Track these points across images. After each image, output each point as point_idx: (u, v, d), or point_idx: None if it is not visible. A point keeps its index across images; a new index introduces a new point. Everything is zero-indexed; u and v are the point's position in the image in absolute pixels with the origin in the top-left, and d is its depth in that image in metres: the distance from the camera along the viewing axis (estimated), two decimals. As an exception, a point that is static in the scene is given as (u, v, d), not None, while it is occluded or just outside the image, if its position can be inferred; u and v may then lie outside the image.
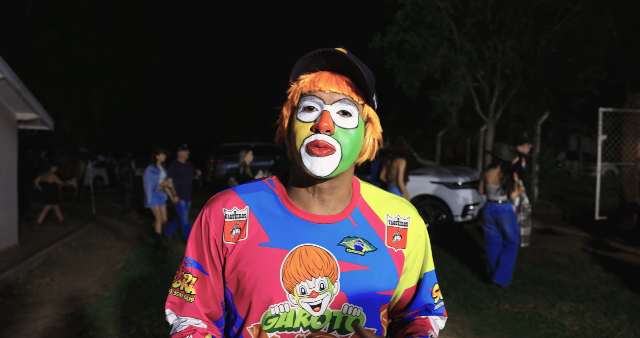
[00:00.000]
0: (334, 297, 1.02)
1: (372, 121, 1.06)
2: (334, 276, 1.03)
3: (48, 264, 6.61)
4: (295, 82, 1.04)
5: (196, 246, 1.11)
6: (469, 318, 4.34)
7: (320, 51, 0.97)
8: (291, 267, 1.02)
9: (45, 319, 4.51)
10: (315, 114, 0.99)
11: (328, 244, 1.04)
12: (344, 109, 0.99)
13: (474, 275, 5.71)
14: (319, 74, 1.01)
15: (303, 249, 1.03)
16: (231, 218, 1.07)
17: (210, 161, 17.72)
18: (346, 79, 1.00)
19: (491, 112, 11.67)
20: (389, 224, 1.11)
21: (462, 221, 7.84)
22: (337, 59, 0.98)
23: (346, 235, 1.06)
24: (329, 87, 0.99)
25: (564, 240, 7.55)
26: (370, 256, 1.06)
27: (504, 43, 11.07)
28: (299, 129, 1.00)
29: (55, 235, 8.43)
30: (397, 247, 1.10)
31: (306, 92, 1.01)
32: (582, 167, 17.30)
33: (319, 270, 1.02)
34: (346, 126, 0.99)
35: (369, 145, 1.07)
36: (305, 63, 1.00)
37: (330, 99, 0.99)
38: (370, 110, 1.05)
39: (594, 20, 10.51)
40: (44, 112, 7.90)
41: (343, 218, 1.08)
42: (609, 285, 5.24)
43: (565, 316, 4.36)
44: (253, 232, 1.05)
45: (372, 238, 1.08)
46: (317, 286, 1.02)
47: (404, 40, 10.79)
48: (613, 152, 8.35)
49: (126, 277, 5.80)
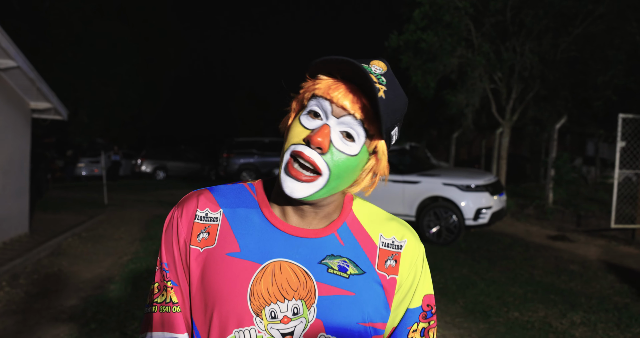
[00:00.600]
0: (308, 324, 0.87)
1: (378, 157, 0.90)
2: (310, 300, 0.88)
3: (57, 254, 6.63)
4: (312, 79, 0.90)
5: (167, 250, 0.96)
6: (477, 325, 4.25)
7: (349, 60, 0.81)
8: (261, 285, 0.87)
9: (49, 310, 4.51)
10: (318, 123, 0.86)
11: (307, 261, 0.90)
12: (349, 130, 0.85)
13: (484, 281, 5.61)
14: (338, 83, 0.86)
15: (277, 264, 0.89)
16: (201, 220, 0.93)
17: (223, 156, 17.76)
18: (365, 101, 0.84)
19: (507, 114, 11.51)
20: (382, 246, 0.95)
21: (474, 225, 7.73)
22: (361, 77, 0.82)
23: (330, 252, 0.91)
24: (342, 100, 0.84)
25: (577, 248, 7.41)
26: (356, 281, 0.90)
27: (523, 45, 10.89)
28: (295, 131, 0.87)
29: (65, 225, 8.47)
30: (389, 273, 0.94)
31: (319, 95, 0.86)
32: (599, 173, 17.04)
33: (293, 291, 0.88)
34: (343, 150, 0.85)
35: (366, 180, 0.92)
36: (326, 65, 0.86)
37: (339, 113, 0.85)
38: (380, 144, 0.89)
39: (616, 24, 10.29)
40: (58, 102, 7.93)
41: (328, 233, 0.93)
42: (623, 296, 5.11)
43: (577, 327, 4.25)
44: (222, 239, 0.91)
45: (360, 260, 0.92)
46: (290, 310, 0.87)
47: (420, 39, 10.66)
48: (632, 159, 8.17)
49: (132, 270, 5.79)
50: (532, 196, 11.50)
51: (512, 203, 10.38)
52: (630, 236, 8.00)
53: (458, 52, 10.92)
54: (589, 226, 8.94)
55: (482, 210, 7.71)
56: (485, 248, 7.28)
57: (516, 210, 10.30)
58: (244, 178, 17.36)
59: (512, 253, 7.04)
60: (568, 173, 10.33)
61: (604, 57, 10.32)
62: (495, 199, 7.89)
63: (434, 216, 7.79)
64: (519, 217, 9.84)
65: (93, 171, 20.53)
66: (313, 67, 0.88)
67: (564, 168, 10.27)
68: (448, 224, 7.68)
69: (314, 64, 0.88)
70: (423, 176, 8.22)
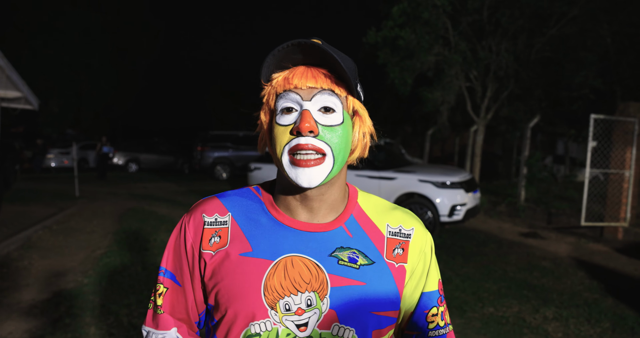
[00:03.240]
0: (322, 315, 0.90)
1: (360, 114, 0.96)
2: (323, 292, 0.91)
3: (27, 247, 6.46)
4: (267, 83, 0.94)
5: (172, 255, 1.01)
6: (453, 321, 4.31)
7: (289, 44, 0.86)
8: (274, 280, 0.90)
9: (20, 305, 4.39)
10: (295, 115, 0.89)
11: (318, 255, 0.93)
12: (325, 104, 0.89)
13: (459, 277, 5.69)
14: (293, 70, 0.91)
15: (289, 260, 0.92)
16: (211, 225, 0.97)
17: (197, 149, 17.58)
18: (323, 71, 0.90)
19: (482, 113, 11.67)
20: (389, 235, 0.99)
21: (449, 221, 7.83)
22: (311, 51, 0.87)
23: (339, 245, 0.95)
24: (305, 82, 0.88)
25: (549, 244, 7.58)
26: (367, 271, 0.94)
27: (499, 44, 11.05)
28: (279, 134, 0.90)
29: (35, 217, 8.27)
30: (397, 261, 0.97)
31: (281, 92, 0.91)
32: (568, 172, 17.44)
33: (305, 283, 0.91)
34: (330, 123, 0.89)
35: (359, 141, 0.97)
36: (275, 59, 0.89)
37: (309, 95, 0.89)
38: (355, 102, 0.94)
39: (589, 26, 10.54)
40: (28, 91, 7.73)
41: (336, 226, 0.96)
42: (593, 292, 5.25)
43: (549, 322, 4.35)
44: (234, 241, 0.95)
45: (369, 250, 0.96)
46: (304, 302, 0.90)
47: (398, 36, 10.72)
48: (601, 158, 8.38)
49: (107, 264, 5.68)
50: (504, 193, 11.70)
51: (485, 201, 10.55)
52: (599, 234, 8.22)
53: (435, 49, 11.01)
54: (559, 223, 9.15)
55: (457, 207, 7.81)
56: (459, 245, 7.38)
57: (489, 207, 10.47)
58: (218, 171, 17.22)
59: (485, 249, 7.16)
60: (540, 172, 10.55)
61: (577, 58, 10.55)
62: (470, 196, 8.01)
63: (410, 213, 7.86)
64: (491, 214, 10.01)
65: (63, 162, 20.06)
66: (265, 70, 0.92)
67: (536, 167, 10.48)
68: (423, 220, 7.76)
69: (265, 64, 0.91)
70: (399, 172, 8.28)
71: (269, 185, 1.04)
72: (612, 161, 8.22)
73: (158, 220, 8.24)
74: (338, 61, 0.85)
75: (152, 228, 7.63)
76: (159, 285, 1.02)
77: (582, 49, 10.55)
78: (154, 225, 7.81)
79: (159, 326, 1.01)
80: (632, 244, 7.65)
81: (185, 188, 14.32)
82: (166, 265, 1.02)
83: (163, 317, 1.00)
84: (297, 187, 0.93)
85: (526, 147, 10.70)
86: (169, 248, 1.02)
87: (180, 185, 15.38)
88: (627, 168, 8.12)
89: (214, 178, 17.24)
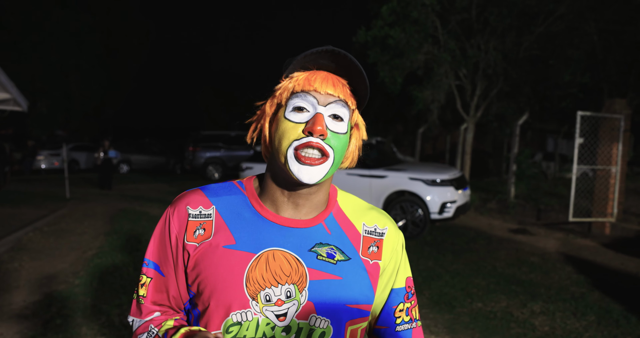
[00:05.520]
0: (301, 306, 0.95)
1: (359, 128, 1.04)
2: (302, 285, 0.96)
3: (17, 249, 6.45)
4: (287, 78, 0.98)
5: (157, 245, 1.05)
6: (442, 316, 4.37)
7: (323, 49, 0.92)
8: (256, 272, 0.95)
9: (12, 306, 4.40)
10: (307, 115, 0.94)
11: (298, 249, 0.98)
12: (337, 113, 0.95)
13: (448, 273, 5.75)
14: (314, 72, 0.96)
15: (270, 253, 0.97)
16: (195, 218, 1.01)
17: (189, 149, 17.53)
18: (342, 81, 0.97)
19: (472, 110, 11.76)
20: (365, 234, 1.05)
21: (439, 219, 7.90)
22: (340, 60, 0.94)
23: (318, 241, 1.00)
24: (325, 88, 0.94)
25: (537, 240, 7.66)
26: (343, 266, 0.99)
27: (488, 43, 11.14)
28: (288, 129, 0.94)
29: (26, 219, 8.24)
30: (372, 258, 1.04)
31: (298, 91, 0.95)
32: (557, 168, 17.60)
33: (286, 276, 0.96)
34: (338, 130, 0.95)
35: (352, 152, 1.04)
36: (305, 60, 0.95)
37: (325, 101, 0.95)
38: (359, 117, 1.03)
39: (576, 24, 10.65)
40: (17, 93, 7.70)
41: (316, 223, 1.02)
42: (579, 286, 5.33)
43: (536, 316, 4.42)
44: (218, 233, 0.99)
45: (346, 247, 1.02)
46: (284, 294, 0.95)
47: (388, 35, 10.77)
48: (588, 155, 8.48)
49: (98, 265, 5.69)
50: (494, 190, 11.80)
51: (476, 198, 10.64)
52: (587, 229, 8.32)
53: (424, 48, 11.08)
54: (548, 219, 9.25)
55: (447, 204, 7.88)
56: (449, 241, 7.45)
57: (479, 204, 10.55)
58: (210, 171, 17.20)
59: (475, 246, 7.23)
60: (529, 168, 10.64)
61: (564, 55, 10.66)
62: (460, 193, 8.07)
63: (400, 210, 7.92)
64: (482, 211, 10.09)
65: (53, 164, 19.95)
66: (291, 66, 0.96)
67: (525, 164, 10.57)
68: (414, 218, 7.81)
69: (295, 61, 0.95)
70: (390, 170, 8.33)
71: (252, 180, 1.09)
72: (599, 158, 8.32)
73: (149, 221, 8.24)
74: (364, 76, 0.93)
75: (143, 228, 7.63)
76: (142, 276, 1.06)
77: (570, 47, 10.66)
78: (145, 226, 7.81)
79: (142, 314, 1.05)
80: (619, 239, 7.76)
81: (177, 189, 14.30)
82: (150, 257, 1.06)
83: (145, 305, 1.04)
84: (292, 182, 0.98)
85: (516, 144, 10.79)
86: (154, 239, 1.06)
87: (172, 186, 15.37)
88: (613, 164, 8.22)
89: (205, 178, 17.22)
